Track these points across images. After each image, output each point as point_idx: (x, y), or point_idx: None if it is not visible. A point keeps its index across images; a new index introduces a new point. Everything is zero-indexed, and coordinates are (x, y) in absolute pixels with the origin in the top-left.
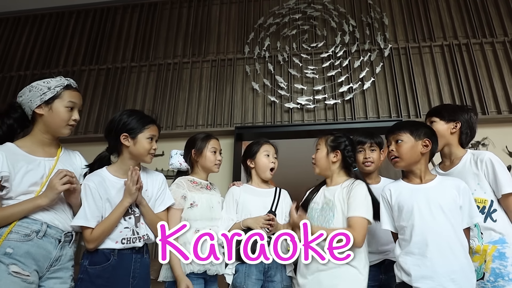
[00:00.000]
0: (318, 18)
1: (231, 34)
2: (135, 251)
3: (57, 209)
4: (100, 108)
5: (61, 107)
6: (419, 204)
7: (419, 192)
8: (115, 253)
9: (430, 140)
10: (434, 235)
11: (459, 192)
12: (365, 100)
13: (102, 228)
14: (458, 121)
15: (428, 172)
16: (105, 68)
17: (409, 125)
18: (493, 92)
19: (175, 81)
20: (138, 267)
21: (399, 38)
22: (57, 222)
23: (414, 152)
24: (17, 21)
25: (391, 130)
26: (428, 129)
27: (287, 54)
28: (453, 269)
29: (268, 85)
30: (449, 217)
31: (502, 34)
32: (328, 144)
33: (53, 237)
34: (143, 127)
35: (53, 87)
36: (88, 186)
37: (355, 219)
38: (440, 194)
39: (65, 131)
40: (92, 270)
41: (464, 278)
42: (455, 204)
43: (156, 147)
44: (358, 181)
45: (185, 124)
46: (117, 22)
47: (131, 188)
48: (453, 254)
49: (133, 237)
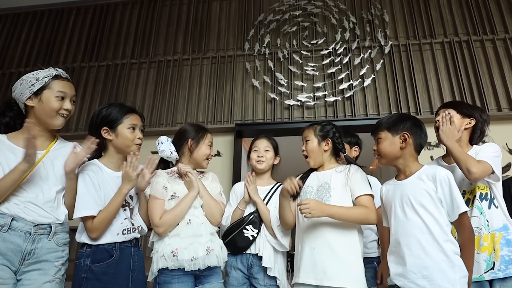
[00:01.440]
0: (319, 15)
1: (231, 30)
2: (133, 244)
3: (28, 200)
4: (100, 105)
5: (50, 97)
6: (395, 202)
7: (398, 189)
8: (117, 248)
9: (409, 133)
10: (403, 233)
11: (435, 183)
12: (365, 97)
13: (104, 216)
14: (473, 118)
15: (413, 166)
16: (105, 64)
17: (387, 121)
18: (493, 89)
19: (175, 78)
20: (137, 259)
21: (399, 35)
22: (23, 215)
23: (393, 148)
24: (16, 17)
25: (373, 129)
26: (409, 122)
27: (287, 51)
28: (425, 265)
29: (268, 82)
30: (420, 212)
31: (503, 31)
32: (317, 134)
33: (21, 230)
34: (122, 117)
35: (41, 78)
36: (87, 175)
37: (364, 198)
38: (413, 189)
39: (57, 122)
40: (96, 268)
41: (439, 273)
42: (430, 197)
43: (140, 136)
44: (352, 165)
45: (185, 121)
46: (116, 18)
47: (130, 174)
48: (424, 251)
49: (132, 227)
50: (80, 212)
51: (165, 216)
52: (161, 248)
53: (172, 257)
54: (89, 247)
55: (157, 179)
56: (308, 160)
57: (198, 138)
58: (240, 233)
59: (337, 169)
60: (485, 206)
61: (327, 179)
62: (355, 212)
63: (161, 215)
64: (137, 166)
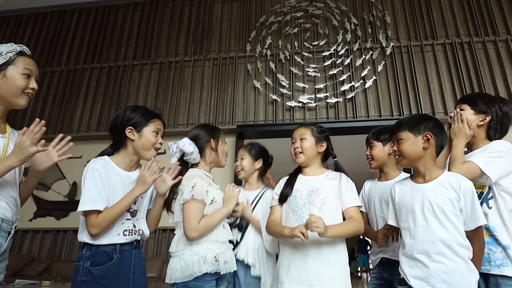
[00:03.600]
0: (320, 17)
1: (233, 32)
2: (133, 246)
3: (9, 199)
4: (102, 107)
5: (16, 73)
6: (414, 206)
7: (418, 193)
8: (117, 250)
9: (432, 134)
10: (424, 237)
11: (459, 193)
12: (366, 99)
13: (109, 213)
14: (488, 114)
15: (434, 169)
16: (107, 66)
17: (408, 121)
18: (495, 90)
19: (177, 79)
20: (137, 262)
21: (401, 36)
22: (8, 215)
23: (415, 148)
24: (19, 19)
25: (392, 130)
26: (430, 122)
27: (289, 52)
28: (446, 270)
29: (270, 84)
30: (441, 219)
31: (505, 33)
32: (315, 134)
33: (5, 230)
34: (148, 121)
35: (4, 52)
36: (96, 169)
37: (354, 209)
38: (435, 195)
39: (22, 101)
40: (96, 271)
41: (458, 278)
42: (452, 206)
43: (161, 141)
44: (343, 175)
45: (187, 122)
46: (119, 20)
47: (147, 178)
48: (444, 256)
49: (134, 229)
50: (86, 206)
51: (202, 223)
52: (202, 252)
53: (214, 262)
54: (89, 250)
55: (202, 182)
56: (300, 156)
57: (218, 136)
58: None
59: (329, 175)
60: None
61: (318, 185)
62: (350, 227)
63: (200, 220)
64: (156, 172)
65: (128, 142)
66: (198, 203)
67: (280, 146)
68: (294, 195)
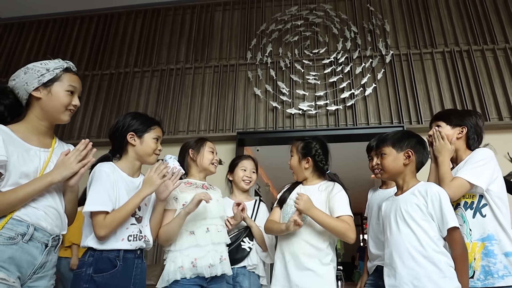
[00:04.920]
0: (320, 25)
1: (234, 40)
2: (137, 256)
3: (48, 208)
4: (103, 113)
5: (61, 90)
6: (390, 216)
7: (394, 204)
8: (120, 257)
9: (413, 151)
10: (396, 245)
11: (426, 198)
12: (366, 106)
13: (118, 214)
14: (464, 126)
15: (411, 182)
16: (108, 73)
17: (392, 137)
18: (494, 98)
19: (177, 86)
20: (139, 272)
21: (400, 44)
22: (44, 225)
23: (396, 164)
24: (21, 26)
25: (377, 144)
26: (413, 140)
27: (289, 60)
28: (416, 276)
29: (270, 91)
30: (411, 225)
31: (503, 41)
32: (299, 152)
33: (40, 241)
34: (149, 128)
35: (52, 68)
36: (104, 172)
37: (345, 218)
38: (406, 203)
39: (65, 117)
40: (99, 278)
41: (430, 284)
42: (421, 211)
43: (161, 148)
44: (336, 185)
45: (187, 130)
46: (120, 27)
47: (154, 179)
48: (415, 262)
49: (139, 235)
50: (94, 207)
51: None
52: (179, 259)
53: (192, 267)
54: (92, 256)
55: None
56: (293, 175)
57: (198, 146)
58: (238, 246)
59: (320, 187)
60: (469, 215)
61: (308, 194)
62: (336, 224)
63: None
64: (163, 173)
65: (129, 147)
66: (167, 211)
67: (280, 154)
68: (288, 203)
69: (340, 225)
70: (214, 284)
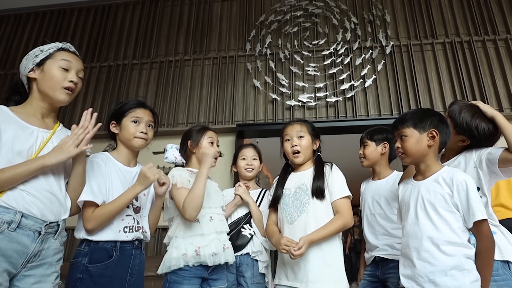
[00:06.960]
0: (320, 15)
1: (233, 31)
2: (135, 246)
3: (42, 192)
4: (101, 105)
5: (54, 68)
6: (410, 204)
7: (415, 190)
8: (117, 248)
9: (437, 131)
10: (414, 236)
11: (452, 187)
12: (366, 98)
13: (108, 209)
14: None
15: (434, 166)
16: (107, 65)
17: (412, 117)
18: (495, 89)
19: (176, 78)
20: (137, 263)
21: (401, 35)
22: (35, 211)
23: (420, 146)
24: (18, 18)
25: (395, 125)
26: (435, 118)
27: (289, 51)
28: (432, 269)
29: (270, 83)
30: (432, 216)
31: (505, 32)
32: (311, 133)
33: (30, 228)
34: (126, 111)
35: (46, 49)
36: (96, 163)
37: (341, 202)
38: (428, 191)
39: (61, 96)
40: (94, 268)
41: (445, 277)
42: (445, 202)
43: (144, 130)
44: (333, 166)
45: (187, 122)
46: (118, 19)
47: (149, 175)
48: (431, 255)
49: (136, 225)
50: (82, 196)
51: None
52: (183, 246)
53: (195, 256)
54: (88, 245)
55: (180, 173)
56: (299, 156)
57: (197, 137)
58: (238, 232)
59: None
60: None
61: (304, 180)
62: (334, 227)
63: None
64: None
65: (117, 136)
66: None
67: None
68: (284, 193)
69: (337, 224)
70: (215, 274)
